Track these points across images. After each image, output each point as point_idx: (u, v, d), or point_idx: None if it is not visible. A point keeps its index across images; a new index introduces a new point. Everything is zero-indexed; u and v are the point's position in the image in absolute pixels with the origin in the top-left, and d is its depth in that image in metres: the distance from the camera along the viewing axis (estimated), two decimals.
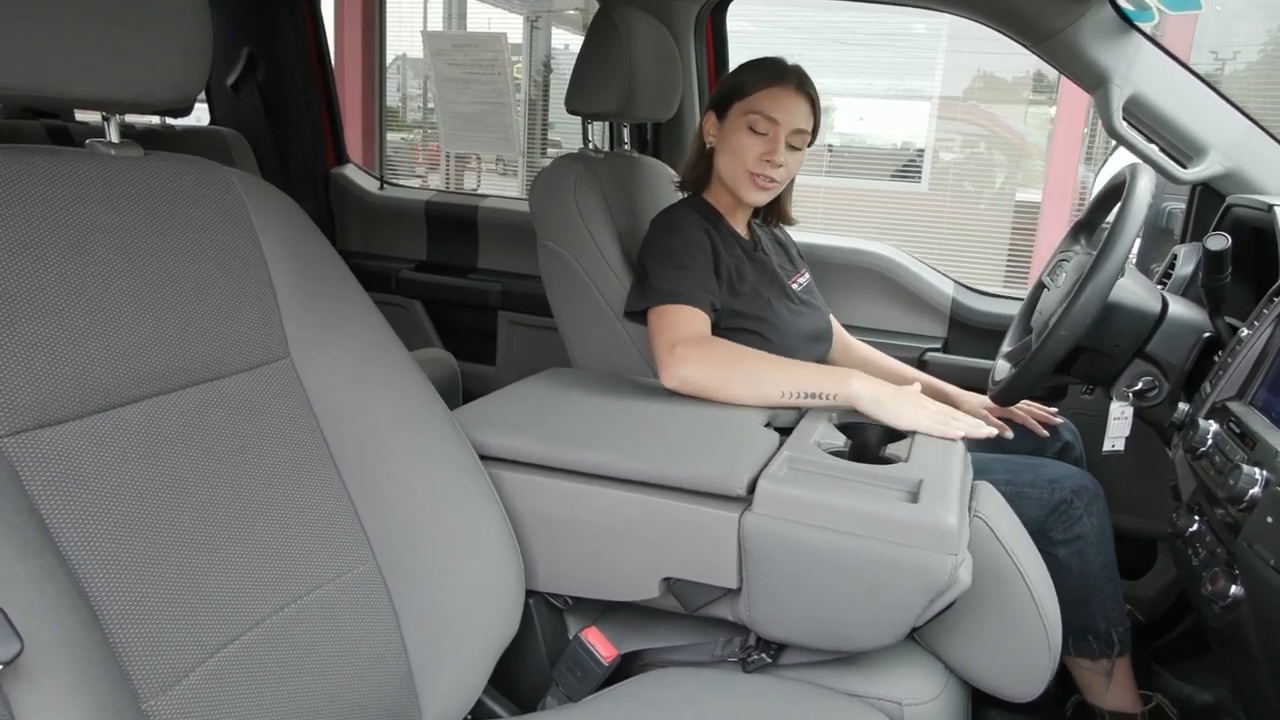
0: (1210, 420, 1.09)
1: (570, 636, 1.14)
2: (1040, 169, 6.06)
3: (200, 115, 2.66)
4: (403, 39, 6.98)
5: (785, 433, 1.14)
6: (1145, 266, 1.82)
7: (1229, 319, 1.34)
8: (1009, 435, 1.59)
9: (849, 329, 1.84)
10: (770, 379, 1.23)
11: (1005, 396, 1.42)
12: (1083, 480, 1.36)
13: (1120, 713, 1.38)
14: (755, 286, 1.49)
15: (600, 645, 1.03)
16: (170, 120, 2.28)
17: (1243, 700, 1.04)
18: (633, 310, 1.43)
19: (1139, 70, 1.59)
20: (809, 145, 1.52)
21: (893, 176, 6.32)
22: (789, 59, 1.50)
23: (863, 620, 0.95)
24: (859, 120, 6.45)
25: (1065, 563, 1.33)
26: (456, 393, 2.10)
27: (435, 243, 2.56)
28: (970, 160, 6.25)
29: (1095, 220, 1.58)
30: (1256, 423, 1.02)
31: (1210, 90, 1.59)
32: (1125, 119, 1.60)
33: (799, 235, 1.77)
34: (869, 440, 1.20)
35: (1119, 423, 1.36)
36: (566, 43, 7.19)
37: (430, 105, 7.37)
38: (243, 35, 2.48)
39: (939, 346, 2.02)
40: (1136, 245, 1.49)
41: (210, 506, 0.80)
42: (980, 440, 1.18)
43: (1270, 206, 1.32)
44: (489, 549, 1.00)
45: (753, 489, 0.98)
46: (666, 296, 1.35)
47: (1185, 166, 1.61)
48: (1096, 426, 1.71)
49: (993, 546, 1.02)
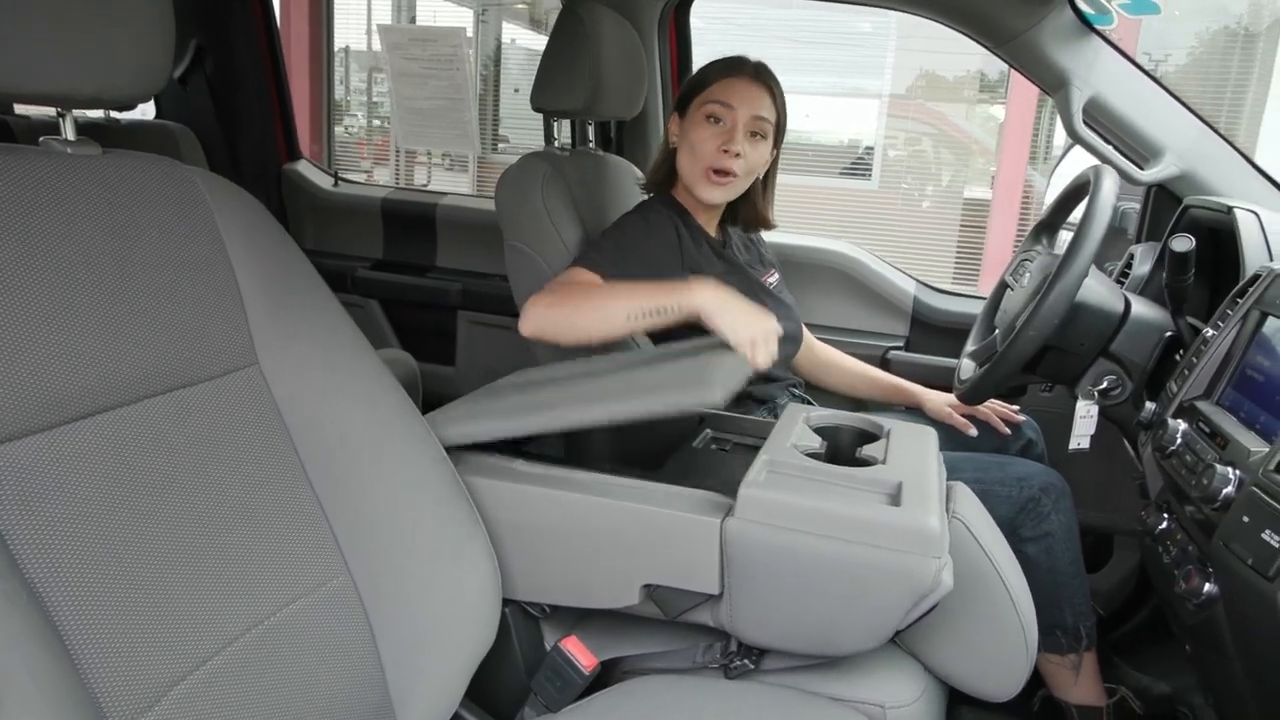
0: (1179, 419, 1.11)
1: (547, 645, 1.12)
2: (986, 167, 6.17)
3: (145, 109, 2.57)
4: (349, 32, 6.85)
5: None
6: (1100, 265, 1.85)
7: (1189, 319, 1.37)
8: (973, 433, 1.60)
9: (812, 328, 1.84)
10: (614, 306, 1.21)
11: (972, 395, 1.43)
12: (1050, 478, 1.38)
13: (1086, 706, 1.40)
14: (718, 276, 1.47)
15: (580, 654, 1.02)
16: (115, 114, 2.19)
17: (1215, 696, 1.06)
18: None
19: (1098, 73, 1.61)
20: (778, 141, 1.52)
21: (842, 173, 6.38)
22: (743, 49, 1.51)
23: (846, 625, 0.94)
24: (805, 117, 6.49)
25: (1034, 560, 1.34)
26: (416, 394, 2.06)
27: (392, 241, 2.50)
28: (920, 158, 6.34)
29: (1057, 220, 1.60)
30: (1225, 422, 1.04)
31: (1166, 93, 1.62)
32: (1084, 120, 1.63)
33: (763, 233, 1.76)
34: (844, 442, 1.20)
35: (1085, 421, 1.38)
36: (514, 37, 7.12)
37: (375, 99, 7.25)
38: (190, 26, 2.40)
39: (901, 345, 2.04)
40: None
41: (178, 522, 0.76)
42: (945, 439, 1.18)
43: (1230, 209, 1.35)
44: (465, 558, 0.98)
45: (734, 494, 0.97)
46: (585, 260, 1.34)
47: (1142, 168, 1.64)
48: (1056, 423, 1.74)
49: (971, 548, 1.02)
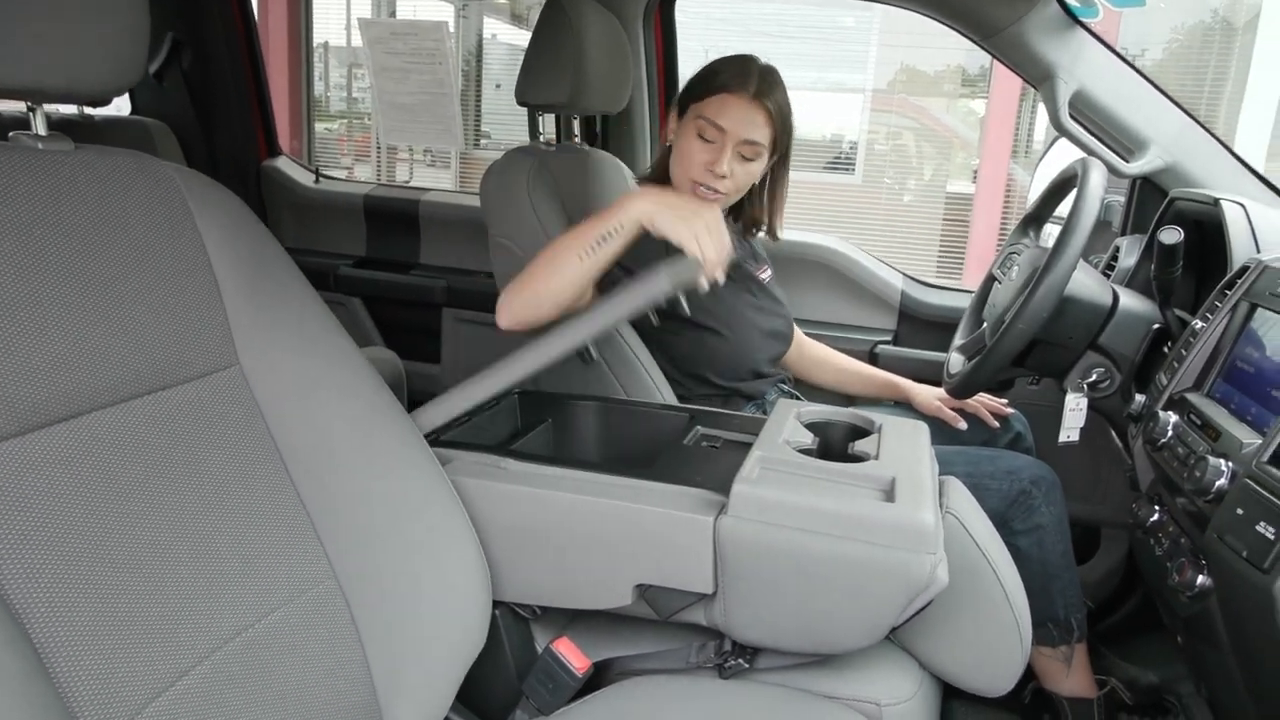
0: (1169, 411, 1.11)
1: (538, 647, 1.11)
2: (967, 161, 6.19)
3: (120, 105, 2.52)
4: (329, 26, 6.79)
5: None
6: (1085, 258, 1.85)
7: (1176, 311, 1.37)
8: (963, 426, 1.60)
9: (800, 322, 1.83)
10: (563, 255, 1.16)
11: (962, 389, 1.43)
12: (1041, 470, 1.38)
13: (1078, 698, 1.40)
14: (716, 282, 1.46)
15: (572, 656, 1.00)
16: (89, 110, 2.15)
17: (1209, 688, 1.06)
18: None
19: (1084, 66, 1.61)
20: (780, 154, 1.48)
21: (826, 168, 6.38)
22: (761, 59, 1.43)
23: (842, 623, 0.93)
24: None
25: (1026, 552, 1.34)
26: (401, 392, 2.04)
27: (375, 238, 2.48)
28: (903, 152, 6.35)
29: (1044, 213, 1.60)
30: (1216, 414, 1.03)
31: (1151, 86, 1.63)
32: (1070, 113, 1.63)
33: None
34: (835, 437, 1.20)
35: (1074, 414, 1.38)
36: (495, 32, 7.07)
37: (355, 95, 7.19)
38: (166, 20, 2.36)
39: (889, 340, 2.03)
40: None
41: (159, 528, 0.74)
42: (934, 433, 1.17)
43: (1216, 201, 1.35)
44: (453, 559, 0.96)
45: (727, 491, 0.96)
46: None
47: (1127, 161, 1.65)
48: (1044, 416, 1.74)
49: (965, 543, 1.01)
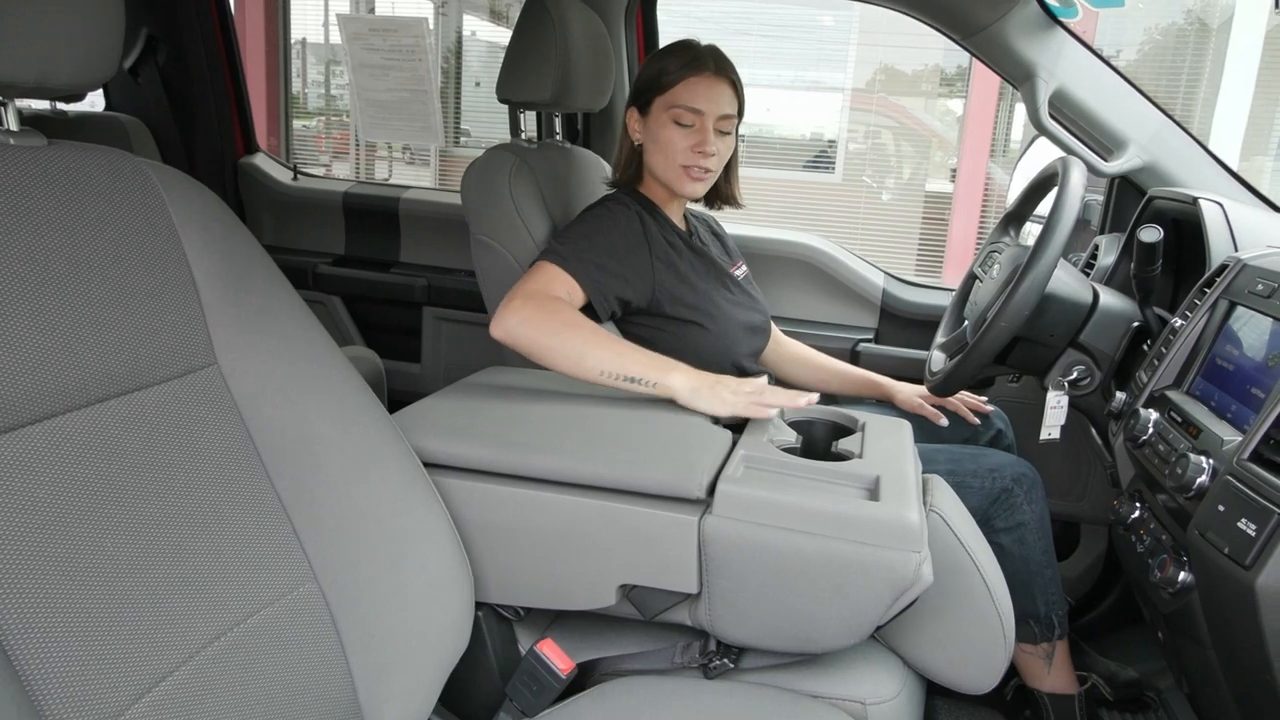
0: (1150, 409, 1.11)
1: (521, 648, 1.10)
2: (947, 160, 6.23)
3: (94, 101, 2.49)
4: (307, 23, 6.74)
5: (735, 429, 1.12)
6: (1064, 257, 1.87)
7: (1156, 309, 1.38)
8: (944, 423, 1.61)
9: (781, 321, 1.83)
10: (593, 356, 1.18)
11: (944, 387, 1.43)
12: (1022, 468, 1.38)
13: (1059, 695, 1.41)
14: (696, 275, 1.47)
15: (556, 658, 0.99)
16: (62, 105, 2.12)
17: (1190, 683, 1.07)
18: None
19: (1063, 65, 1.62)
20: (738, 125, 1.50)
21: (806, 167, 6.40)
22: (701, 41, 1.47)
23: (827, 621, 0.93)
24: (766, 111, 6.50)
25: (1007, 550, 1.35)
26: (381, 392, 2.03)
27: (354, 236, 2.46)
28: (882, 151, 6.38)
29: (1025, 211, 1.61)
30: (1197, 411, 1.04)
31: (1129, 86, 1.64)
32: (1049, 113, 1.64)
33: (728, 226, 1.75)
34: (818, 436, 1.20)
35: (1055, 411, 1.38)
36: (475, 29, 7.04)
37: (334, 92, 7.14)
38: (141, 15, 2.33)
39: (870, 337, 2.04)
40: None
41: (134, 531, 0.73)
42: (915, 431, 1.18)
43: (1195, 199, 1.36)
44: (436, 561, 0.95)
45: (712, 491, 0.96)
46: (550, 254, 1.32)
47: (1106, 160, 1.66)
48: (1025, 414, 1.75)
49: (949, 541, 1.01)
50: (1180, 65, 5.57)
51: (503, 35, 6.63)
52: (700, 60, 1.43)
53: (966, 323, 1.50)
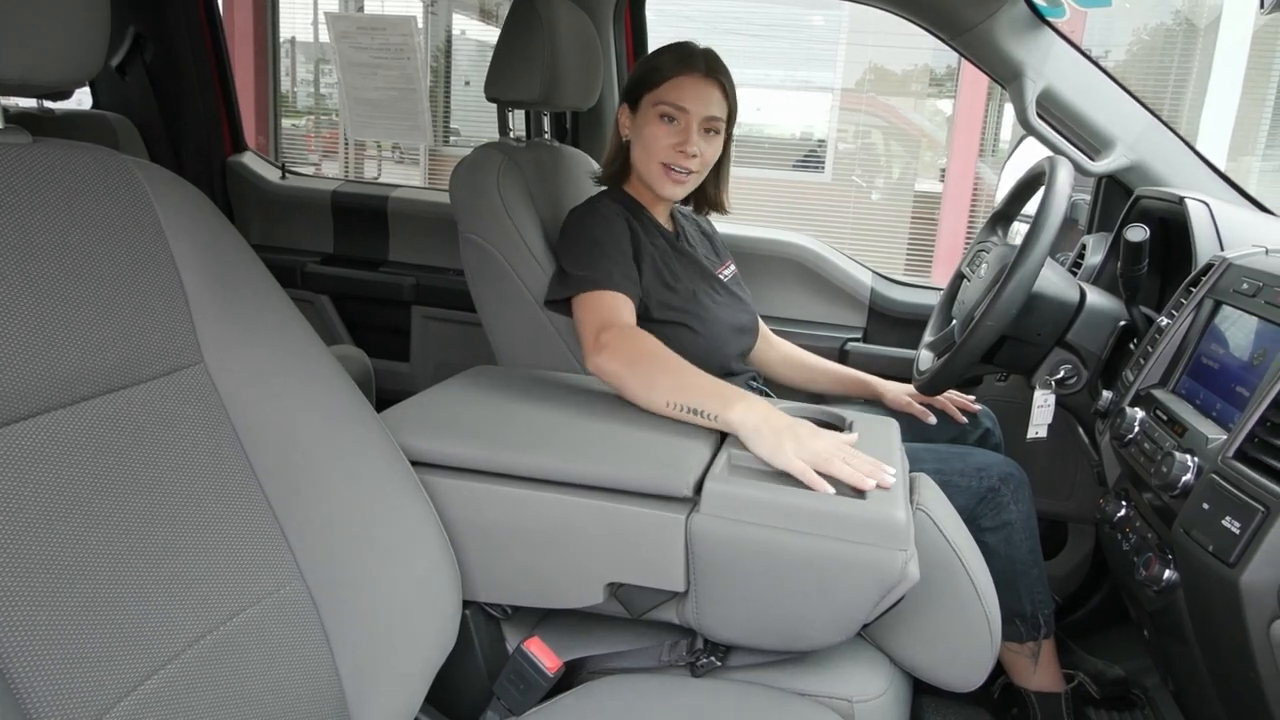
0: (1136, 408, 1.12)
1: (508, 647, 1.10)
2: (935, 160, 6.25)
3: (81, 99, 2.47)
4: (295, 22, 6.72)
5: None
6: (1052, 256, 1.88)
7: (1142, 308, 1.39)
8: (932, 420, 1.61)
9: (770, 320, 1.83)
10: (662, 386, 1.14)
11: (931, 386, 1.44)
12: (1009, 468, 1.39)
13: (1045, 693, 1.42)
14: (681, 277, 1.47)
15: (543, 656, 0.99)
16: (49, 104, 2.11)
17: (1175, 682, 1.07)
18: (554, 299, 1.39)
19: (1051, 65, 1.63)
20: (729, 130, 1.50)
21: (795, 166, 6.42)
22: (699, 44, 1.47)
23: (814, 619, 0.93)
24: (757, 110, 6.51)
25: (993, 549, 1.35)
26: (370, 391, 2.02)
27: (343, 234, 2.45)
28: (871, 151, 6.39)
29: (1012, 211, 1.61)
30: (1182, 410, 1.05)
31: (1116, 85, 1.64)
32: (1037, 112, 1.65)
33: (717, 225, 1.75)
34: None
35: (1042, 410, 1.39)
36: (464, 28, 7.03)
37: (323, 91, 7.12)
38: (128, 13, 2.31)
39: (859, 337, 2.04)
40: None
41: (120, 529, 0.72)
42: (904, 428, 1.17)
43: (1181, 199, 1.37)
44: (423, 560, 0.95)
45: (699, 489, 0.96)
46: (589, 283, 1.33)
47: (1093, 159, 1.66)
48: (1013, 413, 1.75)
49: (935, 539, 1.02)
50: (1168, 65, 5.60)
51: (492, 34, 6.62)
52: (691, 60, 1.43)
53: (954, 322, 1.50)
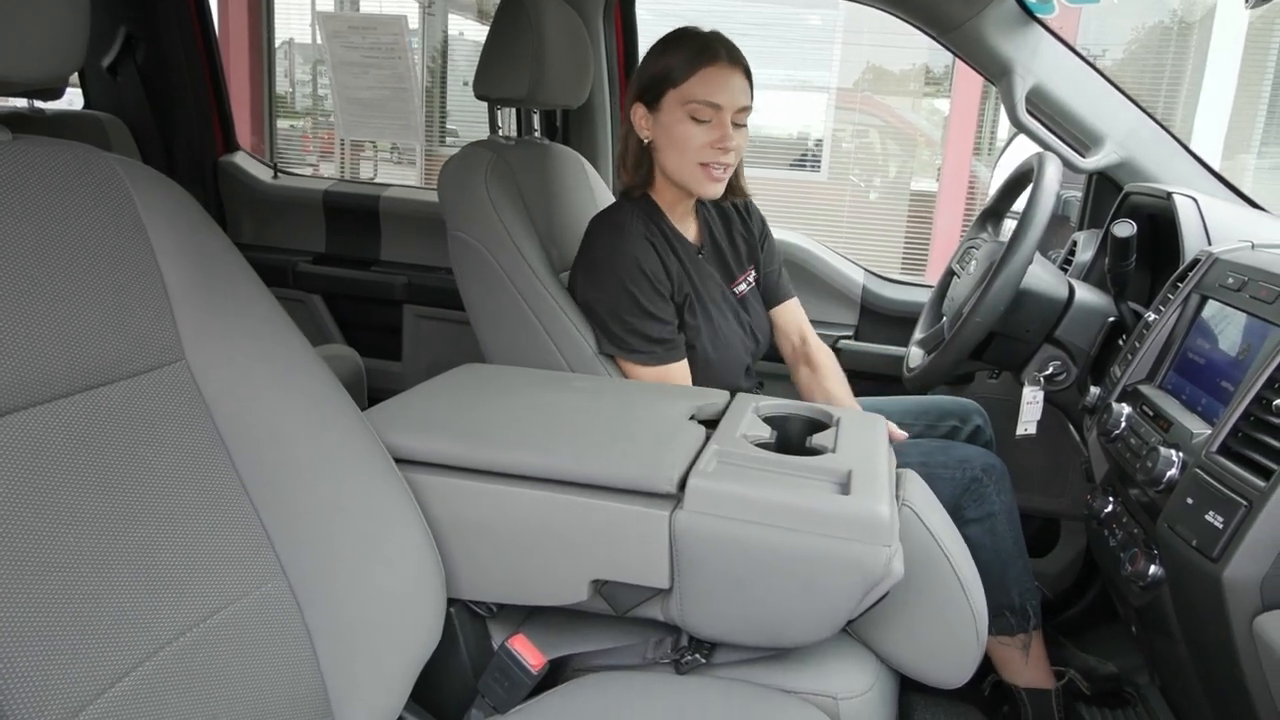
0: (1123, 403, 1.12)
1: (494, 645, 1.10)
2: (932, 159, 6.25)
3: (73, 99, 2.47)
4: (291, 23, 6.70)
5: (710, 425, 1.11)
6: (1043, 252, 1.87)
7: (1131, 304, 1.38)
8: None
9: None
10: None
11: (921, 382, 1.44)
12: (990, 459, 1.40)
13: (1036, 689, 1.42)
14: (703, 298, 1.44)
15: (528, 653, 0.99)
16: (40, 104, 2.10)
17: (1162, 677, 1.07)
18: (610, 354, 1.40)
19: (1040, 61, 1.63)
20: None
21: (792, 166, 6.41)
22: (704, 28, 1.40)
23: (798, 616, 0.93)
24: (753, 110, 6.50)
25: (979, 541, 1.35)
26: (361, 390, 2.02)
27: (335, 234, 2.45)
28: (868, 150, 6.39)
29: (1002, 207, 1.61)
30: (1168, 405, 1.05)
31: (1106, 82, 1.64)
32: (1027, 109, 1.64)
33: None
34: (794, 431, 1.19)
35: (1031, 407, 1.39)
36: (462, 29, 7.02)
37: (320, 92, 7.11)
38: (119, 14, 2.31)
39: (850, 334, 2.04)
40: None
41: (98, 526, 0.72)
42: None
43: (1169, 195, 1.37)
44: (407, 557, 0.95)
45: (683, 486, 0.95)
46: (649, 358, 1.36)
47: (1084, 156, 1.66)
48: (1004, 410, 1.75)
49: (921, 535, 1.02)
50: (1164, 64, 5.60)
51: None
52: (711, 49, 1.36)
53: (944, 319, 1.50)
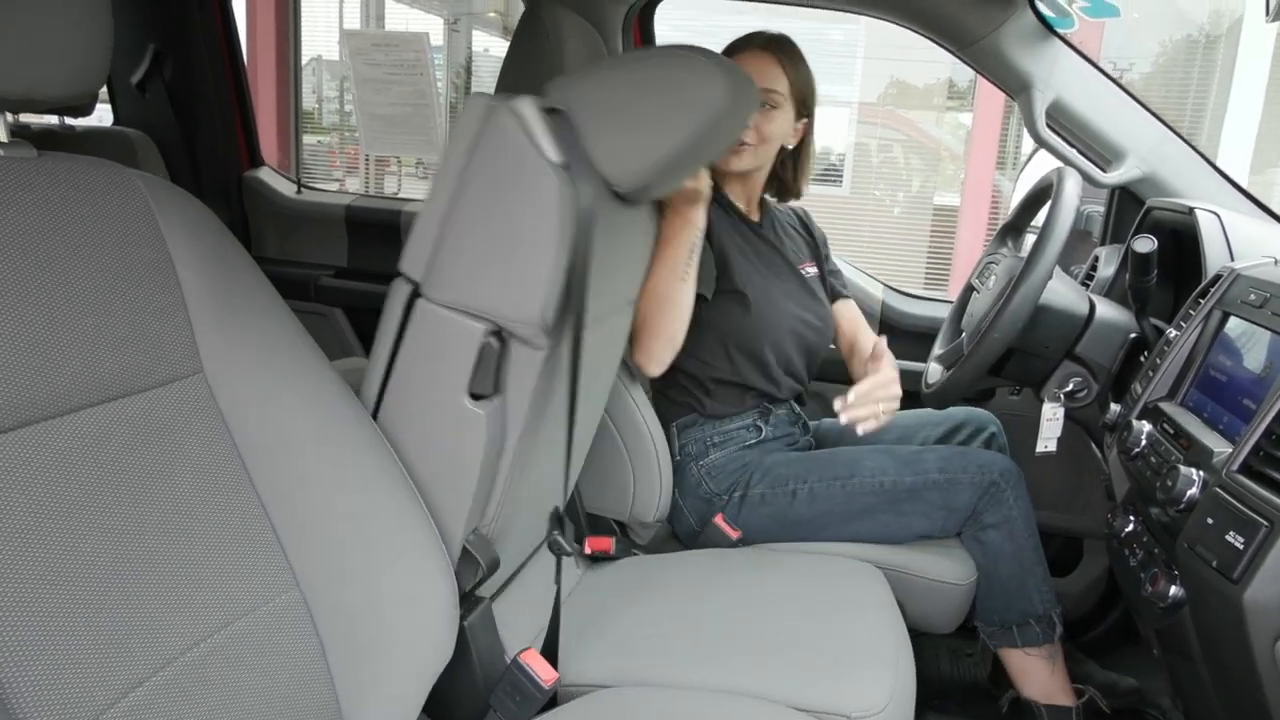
0: (1143, 421, 1.10)
1: (505, 658, 1.10)
2: (955, 174, 6.21)
3: (103, 116, 2.52)
4: (317, 40, 6.80)
5: None
6: (1065, 268, 1.86)
7: (1153, 320, 1.37)
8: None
9: None
10: (672, 287, 1.34)
11: (940, 398, 1.43)
12: (1007, 464, 1.40)
13: (1056, 706, 1.40)
14: (749, 257, 1.52)
15: (540, 668, 0.99)
16: (70, 121, 2.14)
17: (1183, 700, 1.05)
18: None
19: (1060, 76, 1.62)
20: (804, 111, 1.56)
21: (815, 180, 6.39)
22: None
23: None
24: None
25: (998, 546, 1.36)
26: None
27: (357, 248, 2.47)
28: (891, 165, 6.37)
29: (1022, 223, 1.60)
30: (1189, 423, 1.03)
31: (1128, 96, 1.63)
32: (1047, 124, 1.63)
33: None
34: None
35: (1051, 424, 1.37)
36: (486, 46, 7.09)
37: (348, 108, 7.19)
38: (148, 31, 2.35)
39: None
40: None
41: (115, 537, 0.73)
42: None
43: (1191, 209, 1.35)
44: (421, 572, 0.95)
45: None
46: None
47: (1105, 170, 1.65)
48: (1024, 426, 1.73)
49: None
50: (1190, 76, 5.55)
51: None
52: (750, 39, 1.50)
53: (963, 334, 1.49)
